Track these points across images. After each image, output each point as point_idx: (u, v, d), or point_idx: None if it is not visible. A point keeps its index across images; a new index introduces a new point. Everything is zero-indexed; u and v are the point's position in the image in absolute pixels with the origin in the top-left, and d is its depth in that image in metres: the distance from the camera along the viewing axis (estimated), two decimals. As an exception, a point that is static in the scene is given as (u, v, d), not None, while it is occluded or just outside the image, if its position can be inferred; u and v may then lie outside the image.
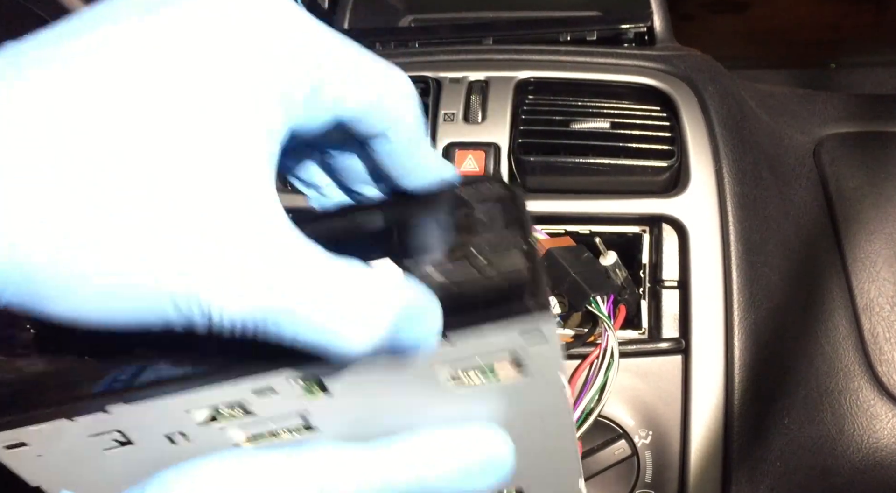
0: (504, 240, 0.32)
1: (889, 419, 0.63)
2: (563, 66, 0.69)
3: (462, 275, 0.31)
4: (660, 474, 0.59)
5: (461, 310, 0.29)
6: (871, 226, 0.68)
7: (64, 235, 0.22)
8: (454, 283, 0.30)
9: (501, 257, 0.31)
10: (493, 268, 0.31)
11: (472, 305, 0.30)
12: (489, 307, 0.29)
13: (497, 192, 0.35)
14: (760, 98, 0.75)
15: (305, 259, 0.26)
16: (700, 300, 0.60)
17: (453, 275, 0.31)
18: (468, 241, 0.32)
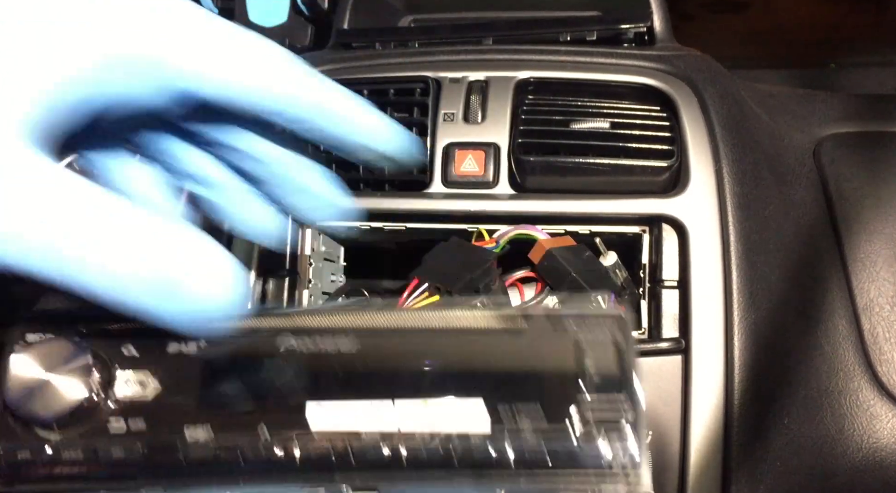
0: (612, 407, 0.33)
1: (889, 419, 0.63)
2: (563, 66, 0.69)
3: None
4: (660, 474, 0.59)
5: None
6: (871, 226, 0.68)
7: None
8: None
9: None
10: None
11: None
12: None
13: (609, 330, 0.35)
14: (760, 98, 0.75)
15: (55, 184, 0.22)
16: (700, 300, 0.60)
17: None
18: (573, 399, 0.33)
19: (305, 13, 0.86)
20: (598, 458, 0.32)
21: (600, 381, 0.33)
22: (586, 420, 0.33)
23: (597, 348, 0.34)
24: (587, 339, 0.34)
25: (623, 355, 0.34)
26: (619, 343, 0.34)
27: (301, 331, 0.35)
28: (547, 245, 0.58)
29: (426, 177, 0.66)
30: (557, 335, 0.35)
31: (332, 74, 0.71)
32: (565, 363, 0.34)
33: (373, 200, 0.66)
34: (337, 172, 0.68)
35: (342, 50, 0.78)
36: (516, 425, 0.33)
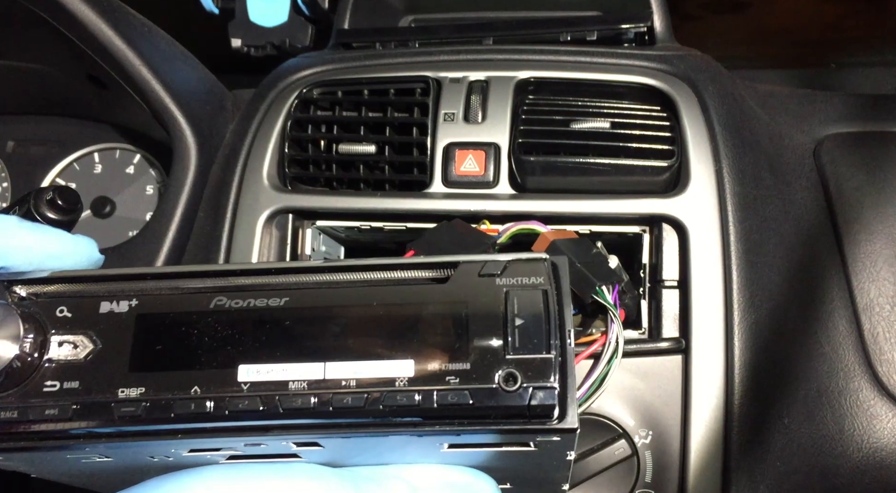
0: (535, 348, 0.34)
1: (889, 419, 0.63)
2: (564, 66, 0.69)
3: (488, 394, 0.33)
4: (660, 474, 0.59)
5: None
6: (871, 226, 0.68)
7: None
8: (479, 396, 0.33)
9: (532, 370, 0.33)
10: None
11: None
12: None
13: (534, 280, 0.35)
14: (760, 98, 0.75)
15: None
16: (700, 300, 0.60)
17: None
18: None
19: (306, 13, 0.86)
20: (522, 407, 0.33)
21: (527, 329, 0.34)
22: (511, 373, 0.33)
23: (523, 296, 0.34)
24: (513, 286, 0.35)
25: (548, 299, 0.34)
26: (545, 288, 0.35)
27: (231, 288, 0.35)
28: (551, 237, 0.58)
29: (426, 177, 0.66)
30: (484, 284, 0.35)
31: (332, 74, 0.71)
32: (491, 314, 0.34)
33: (373, 200, 0.66)
34: (337, 173, 0.69)
35: (342, 50, 0.78)
36: (445, 380, 0.33)
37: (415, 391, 0.33)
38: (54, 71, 0.86)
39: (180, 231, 0.72)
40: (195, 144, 0.73)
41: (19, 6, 0.70)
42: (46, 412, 0.34)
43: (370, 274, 0.36)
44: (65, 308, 0.35)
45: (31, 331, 0.35)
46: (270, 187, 0.68)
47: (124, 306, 0.35)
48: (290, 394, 0.34)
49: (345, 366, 0.34)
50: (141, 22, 0.74)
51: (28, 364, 0.34)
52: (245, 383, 0.34)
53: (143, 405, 0.34)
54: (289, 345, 0.34)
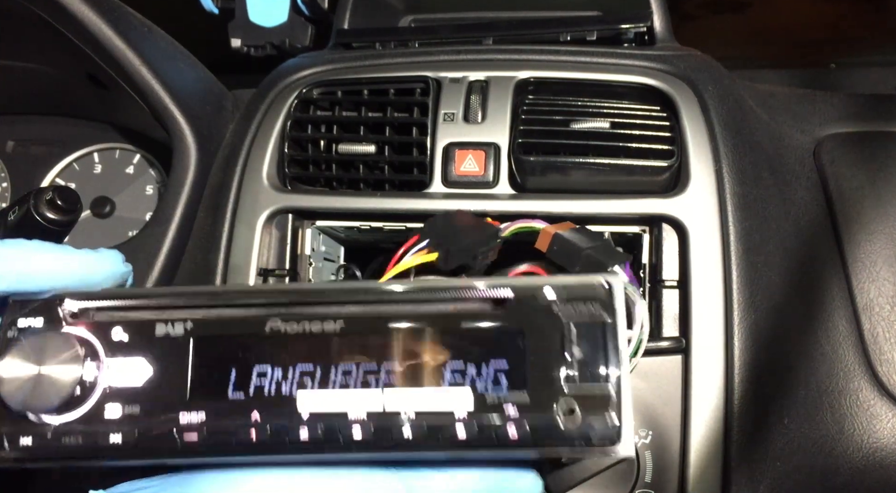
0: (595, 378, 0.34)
1: (889, 419, 0.63)
2: (564, 66, 0.69)
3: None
4: (660, 474, 0.59)
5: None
6: (871, 226, 0.68)
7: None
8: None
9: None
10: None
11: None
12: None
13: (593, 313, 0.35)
14: (760, 98, 0.75)
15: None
16: (700, 300, 0.60)
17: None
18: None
19: (305, 13, 0.86)
20: (582, 438, 0.33)
21: (584, 358, 0.34)
22: (570, 404, 0.33)
23: (581, 325, 0.34)
24: (571, 314, 0.34)
25: (605, 328, 0.34)
26: (603, 317, 0.34)
27: (288, 315, 0.35)
28: (551, 231, 0.58)
29: (426, 177, 0.66)
30: (541, 311, 0.35)
31: (331, 74, 0.71)
32: (550, 344, 0.34)
33: (373, 200, 0.66)
34: (337, 172, 0.69)
35: (342, 50, 0.78)
36: (504, 412, 0.33)
37: (474, 422, 0.33)
38: (54, 71, 0.86)
39: (180, 231, 0.72)
40: (195, 144, 0.73)
41: (19, 6, 0.70)
42: (111, 440, 0.34)
43: (425, 299, 0.35)
44: (120, 329, 0.35)
45: (89, 355, 0.35)
46: (270, 187, 0.68)
47: (180, 328, 0.35)
48: (350, 424, 0.34)
49: (403, 395, 0.34)
50: (141, 22, 0.74)
51: (87, 388, 0.35)
52: (304, 411, 0.34)
53: (205, 434, 0.34)
54: (346, 371, 0.34)
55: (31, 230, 0.64)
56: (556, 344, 0.34)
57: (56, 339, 0.34)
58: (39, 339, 0.34)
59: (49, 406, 0.34)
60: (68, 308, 0.36)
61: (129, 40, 0.70)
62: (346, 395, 0.34)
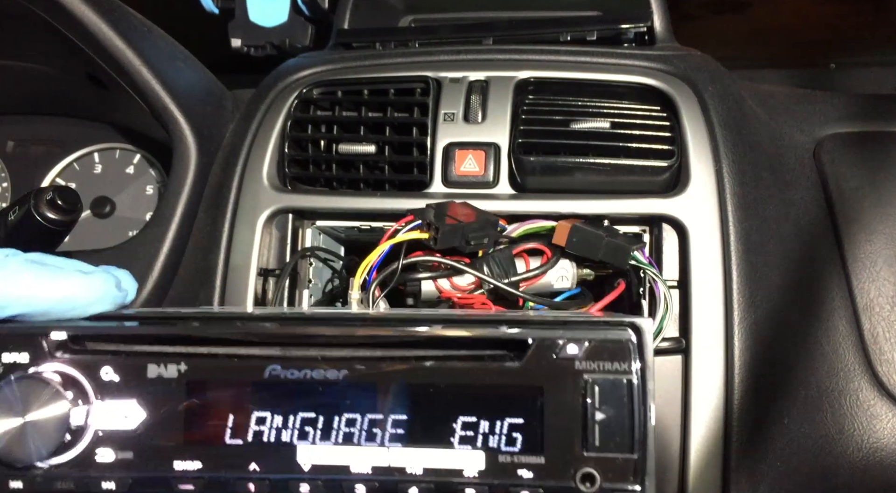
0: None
1: (889, 419, 0.63)
2: (563, 66, 0.69)
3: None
4: (660, 474, 0.59)
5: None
6: (871, 226, 0.68)
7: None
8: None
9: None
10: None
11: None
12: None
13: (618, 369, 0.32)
14: (760, 98, 0.75)
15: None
16: (700, 300, 0.60)
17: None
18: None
19: (306, 13, 0.86)
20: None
21: (607, 422, 0.31)
22: (590, 473, 0.31)
23: (605, 386, 0.32)
24: (595, 372, 0.32)
25: (633, 390, 0.32)
26: (630, 377, 0.32)
27: (288, 360, 0.33)
28: (568, 224, 0.59)
29: (426, 177, 0.66)
30: (562, 367, 0.32)
31: (332, 74, 0.71)
32: (570, 404, 0.32)
33: (373, 200, 0.66)
34: (337, 173, 0.69)
35: (342, 50, 0.78)
36: (517, 475, 0.32)
37: (486, 485, 0.32)
38: (54, 71, 0.86)
39: (180, 231, 0.72)
40: (195, 144, 0.73)
41: (19, 6, 0.70)
42: (104, 486, 0.33)
43: (437, 349, 0.33)
44: (110, 369, 0.34)
45: (78, 397, 0.33)
46: (270, 187, 0.68)
47: (173, 370, 0.34)
48: (353, 479, 0.32)
49: (410, 452, 0.32)
50: (141, 22, 0.74)
51: (78, 432, 0.33)
52: (305, 463, 0.33)
53: (201, 484, 0.33)
54: (350, 421, 0.33)
55: (31, 230, 0.64)
56: (576, 405, 0.32)
57: (39, 384, 0.33)
58: (22, 385, 0.32)
59: (38, 457, 0.32)
60: (54, 340, 0.34)
61: (129, 40, 0.70)
62: (350, 451, 0.32)
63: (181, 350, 0.34)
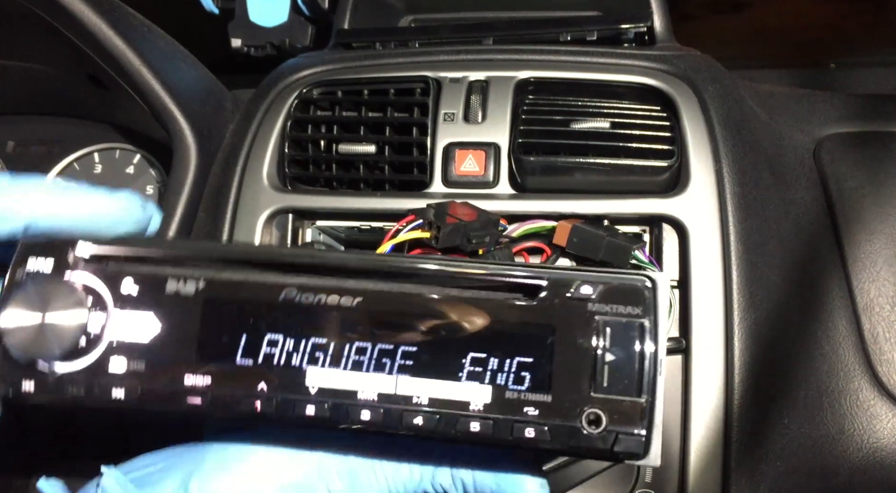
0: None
1: (889, 419, 0.63)
2: (563, 66, 0.69)
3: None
4: (660, 474, 0.59)
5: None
6: (871, 226, 0.68)
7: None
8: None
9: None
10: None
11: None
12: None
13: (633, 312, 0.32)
14: (760, 98, 0.75)
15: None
16: (700, 300, 0.60)
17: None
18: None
19: (305, 13, 0.86)
20: (606, 449, 0.31)
21: (617, 364, 0.31)
22: (596, 413, 0.31)
23: (617, 328, 0.32)
24: (608, 314, 0.32)
25: (644, 334, 0.32)
26: (643, 321, 0.32)
27: (305, 284, 0.34)
28: (568, 224, 0.59)
29: (426, 177, 0.66)
30: (575, 308, 0.32)
31: (332, 74, 0.71)
32: (580, 344, 0.32)
33: (373, 200, 0.66)
34: (337, 173, 0.69)
35: (342, 50, 0.78)
36: (523, 412, 0.32)
37: (490, 419, 0.32)
38: (54, 71, 0.86)
39: (180, 231, 0.72)
40: (195, 144, 0.73)
41: (19, 6, 0.70)
42: (114, 393, 0.34)
43: (452, 284, 0.33)
44: (130, 282, 0.34)
45: (97, 305, 0.34)
46: (270, 187, 0.68)
47: (191, 287, 0.34)
48: (359, 405, 0.32)
49: (418, 382, 0.32)
50: (141, 22, 0.74)
51: (93, 339, 0.34)
52: (313, 386, 0.33)
53: (209, 398, 0.33)
54: (360, 349, 0.33)
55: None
56: (587, 345, 0.32)
57: (62, 287, 0.33)
58: (44, 286, 0.33)
59: (51, 355, 0.33)
60: (80, 253, 0.35)
61: (129, 40, 0.70)
62: (358, 376, 0.33)
63: (201, 270, 0.34)
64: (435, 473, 0.38)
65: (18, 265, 0.35)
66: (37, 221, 0.35)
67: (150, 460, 0.39)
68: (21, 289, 0.33)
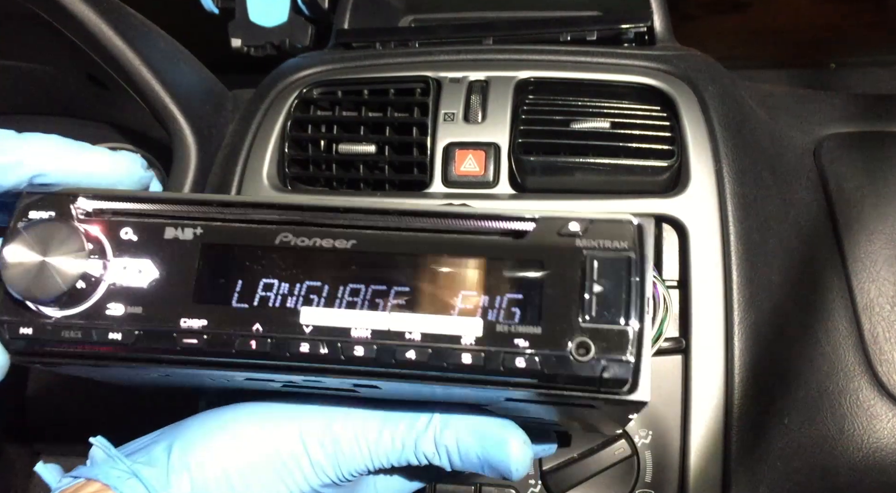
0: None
1: (889, 418, 0.63)
2: (563, 66, 0.69)
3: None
4: (660, 474, 0.59)
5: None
6: (871, 226, 0.68)
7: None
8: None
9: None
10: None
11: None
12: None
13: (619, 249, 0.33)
14: (760, 98, 0.75)
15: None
16: (700, 300, 0.60)
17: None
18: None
19: (305, 13, 0.86)
20: (593, 377, 0.32)
21: (604, 295, 0.32)
22: (584, 342, 0.32)
23: (604, 261, 0.32)
24: (594, 249, 0.33)
25: (631, 266, 0.32)
26: (628, 254, 0.33)
27: (298, 223, 0.34)
28: None
29: (426, 177, 0.66)
30: (563, 243, 0.33)
31: (332, 74, 0.71)
32: (568, 277, 0.33)
33: (373, 200, 0.66)
34: (337, 172, 0.69)
35: (342, 50, 0.78)
36: (514, 344, 0.32)
37: (481, 351, 0.32)
38: (54, 71, 0.86)
39: (180, 231, 0.72)
40: (195, 144, 0.73)
41: (19, 6, 0.70)
42: (110, 336, 0.34)
43: (443, 221, 0.34)
44: (129, 230, 0.35)
45: (96, 251, 0.35)
46: (270, 187, 0.68)
47: (189, 233, 0.35)
48: (353, 342, 0.33)
49: (410, 318, 0.33)
50: (141, 22, 0.74)
51: (91, 284, 0.34)
52: (307, 325, 0.33)
53: (205, 338, 0.34)
54: (354, 290, 0.34)
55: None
56: (575, 278, 0.32)
57: (63, 230, 0.34)
58: (47, 229, 0.34)
59: (49, 296, 0.34)
60: (81, 205, 0.35)
61: (129, 40, 0.70)
62: (351, 314, 0.33)
63: (199, 214, 0.35)
64: (418, 441, 0.38)
65: (22, 212, 0.35)
66: (43, 174, 0.37)
67: (144, 437, 0.41)
68: (24, 230, 0.34)
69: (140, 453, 0.38)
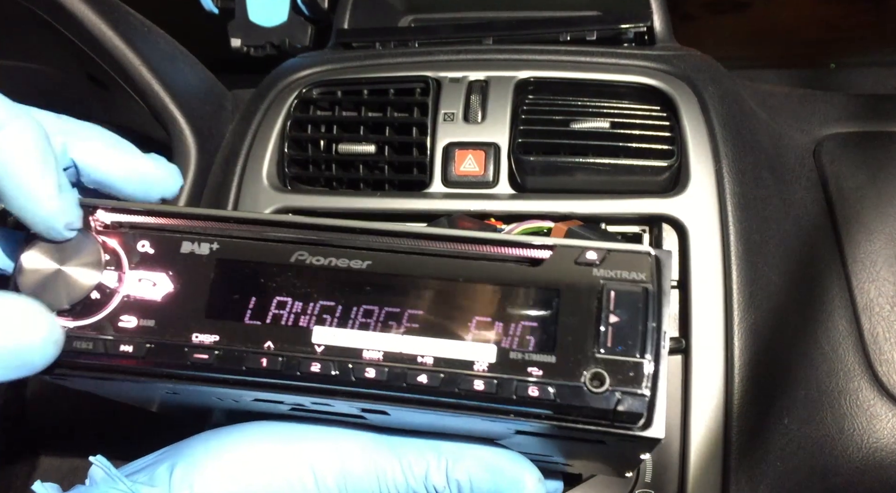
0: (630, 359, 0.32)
1: (889, 419, 0.63)
2: (563, 66, 0.69)
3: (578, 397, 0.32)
4: (660, 474, 0.59)
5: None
6: (871, 226, 0.68)
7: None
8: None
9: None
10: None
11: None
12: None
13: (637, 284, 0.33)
14: (760, 98, 0.75)
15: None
16: (700, 300, 0.60)
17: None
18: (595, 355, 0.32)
19: (305, 13, 0.86)
20: (607, 410, 0.31)
21: (622, 327, 0.32)
22: (599, 373, 0.31)
23: (621, 291, 0.32)
24: (612, 279, 0.32)
25: (648, 297, 0.32)
26: (646, 285, 0.32)
27: (314, 242, 0.34)
28: (564, 227, 0.59)
29: (426, 177, 0.66)
30: (580, 272, 0.33)
31: (331, 74, 0.71)
32: (585, 306, 0.32)
33: (372, 200, 0.66)
34: (337, 173, 0.69)
35: (342, 50, 0.78)
36: (527, 372, 0.32)
37: (494, 378, 0.32)
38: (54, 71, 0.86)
39: (180, 231, 0.72)
40: (195, 144, 0.73)
41: (19, 6, 0.70)
42: (121, 348, 0.34)
43: (460, 246, 0.34)
44: (146, 243, 0.35)
45: (112, 262, 0.35)
46: (270, 187, 0.68)
47: (205, 248, 0.35)
48: (364, 363, 0.33)
49: (423, 341, 0.33)
50: (141, 22, 0.74)
51: (106, 295, 0.34)
52: (319, 345, 0.33)
53: (216, 354, 0.33)
54: (367, 311, 0.33)
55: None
56: (591, 309, 0.32)
57: (82, 241, 0.34)
58: (67, 239, 0.34)
59: (62, 304, 0.34)
60: (100, 217, 0.35)
61: (129, 40, 0.70)
62: (364, 335, 0.33)
63: (216, 230, 0.35)
64: (428, 474, 0.38)
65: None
66: (85, 167, 0.36)
67: (147, 457, 0.40)
68: (42, 238, 0.34)
69: (142, 472, 0.38)
